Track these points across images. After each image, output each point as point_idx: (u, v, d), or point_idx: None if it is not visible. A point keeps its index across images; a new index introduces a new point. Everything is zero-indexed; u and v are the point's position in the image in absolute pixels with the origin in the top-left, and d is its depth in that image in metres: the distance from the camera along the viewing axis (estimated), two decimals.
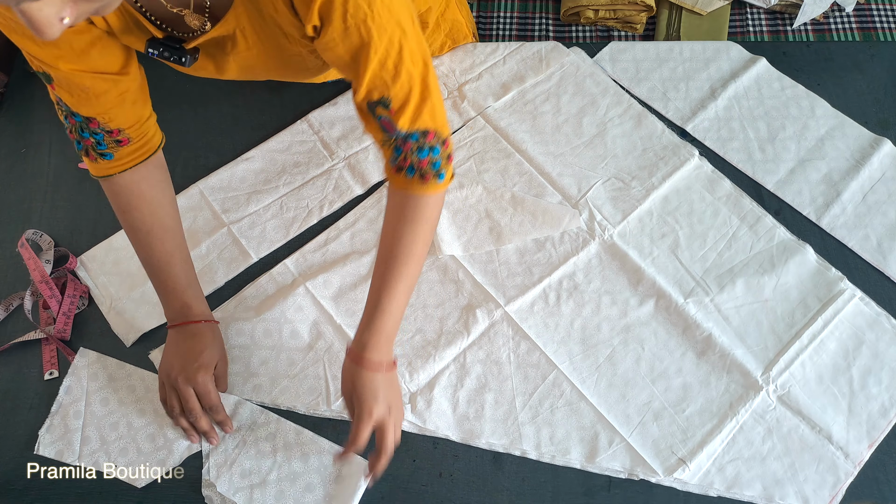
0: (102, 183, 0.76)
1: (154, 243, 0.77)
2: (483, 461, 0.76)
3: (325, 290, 0.85)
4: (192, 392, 0.74)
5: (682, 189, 0.92)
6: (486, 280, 0.86)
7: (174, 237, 0.78)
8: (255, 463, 0.75)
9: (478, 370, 0.80)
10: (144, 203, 0.76)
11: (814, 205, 0.90)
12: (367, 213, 0.91)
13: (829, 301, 0.83)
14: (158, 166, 0.78)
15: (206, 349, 0.76)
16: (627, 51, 1.04)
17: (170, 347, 0.77)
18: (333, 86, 1.01)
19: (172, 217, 0.79)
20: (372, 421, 0.67)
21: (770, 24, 1.38)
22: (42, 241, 0.89)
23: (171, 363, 0.76)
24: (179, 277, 0.77)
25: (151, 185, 0.77)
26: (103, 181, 0.76)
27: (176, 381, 0.74)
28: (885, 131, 0.95)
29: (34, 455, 0.76)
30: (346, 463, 0.75)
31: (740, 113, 0.97)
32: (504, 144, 0.96)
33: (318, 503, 0.73)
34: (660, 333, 0.82)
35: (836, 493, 0.73)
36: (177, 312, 0.77)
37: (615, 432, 0.76)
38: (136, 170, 0.75)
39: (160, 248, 0.77)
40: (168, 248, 0.77)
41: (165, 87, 1.00)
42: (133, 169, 0.75)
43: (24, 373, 0.82)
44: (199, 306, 0.79)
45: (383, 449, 0.68)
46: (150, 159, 0.76)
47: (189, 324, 0.77)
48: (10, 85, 1.01)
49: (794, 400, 0.78)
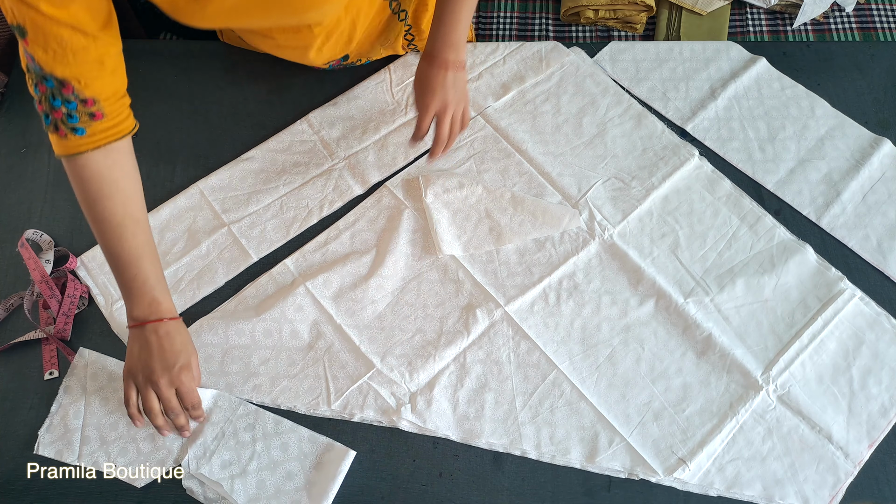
0: (69, 165, 0.70)
1: (125, 236, 0.72)
2: (483, 461, 0.76)
3: (325, 290, 0.85)
4: (173, 393, 0.73)
5: (682, 189, 0.92)
6: (486, 280, 0.86)
7: (144, 231, 0.74)
8: (234, 453, 0.75)
9: (478, 370, 0.80)
10: (117, 192, 0.71)
11: (814, 205, 0.90)
12: (367, 213, 0.91)
13: (829, 301, 0.83)
14: (129, 153, 0.73)
15: (183, 348, 0.74)
16: (627, 51, 1.04)
17: (139, 347, 0.73)
18: (333, 86, 1.01)
19: (142, 209, 0.75)
20: (431, 110, 0.82)
21: (770, 24, 1.38)
22: (42, 241, 0.89)
23: (146, 364, 0.72)
24: (150, 273, 0.73)
25: (124, 174, 0.72)
26: (71, 162, 0.70)
27: (158, 383, 0.72)
28: (885, 131, 0.95)
29: (34, 455, 0.76)
30: (327, 450, 0.75)
31: (740, 113, 0.97)
32: (504, 144, 0.96)
33: (299, 490, 0.74)
34: (660, 333, 0.82)
35: (836, 492, 0.73)
36: (145, 310, 0.73)
37: (615, 432, 0.76)
38: (108, 152, 0.70)
39: (131, 242, 0.73)
40: (139, 242, 0.73)
41: (166, 87, 1.01)
42: (104, 149, 0.70)
43: (24, 373, 0.82)
44: (167, 302, 0.75)
45: (438, 136, 0.84)
46: (121, 142, 0.71)
47: (160, 321, 0.73)
48: (10, 85, 1.01)
49: (794, 400, 0.78)
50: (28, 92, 0.69)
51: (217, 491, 0.74)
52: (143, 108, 0.98)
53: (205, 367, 0.81)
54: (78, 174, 0.70)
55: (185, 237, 0.89)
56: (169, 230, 0.89)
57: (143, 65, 1.03)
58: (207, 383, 0.80)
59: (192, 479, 0.75)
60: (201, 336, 0.82)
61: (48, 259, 0.86)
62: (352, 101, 0.99)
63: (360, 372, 0.80)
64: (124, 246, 0.73)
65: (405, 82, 1.01)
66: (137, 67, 1.02)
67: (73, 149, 0.69)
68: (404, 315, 0.84)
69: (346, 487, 0.75)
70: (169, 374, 0.72)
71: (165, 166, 0.95)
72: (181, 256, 0.87)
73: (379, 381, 0.80)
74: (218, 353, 0.81)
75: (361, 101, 0.99)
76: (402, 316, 0.84)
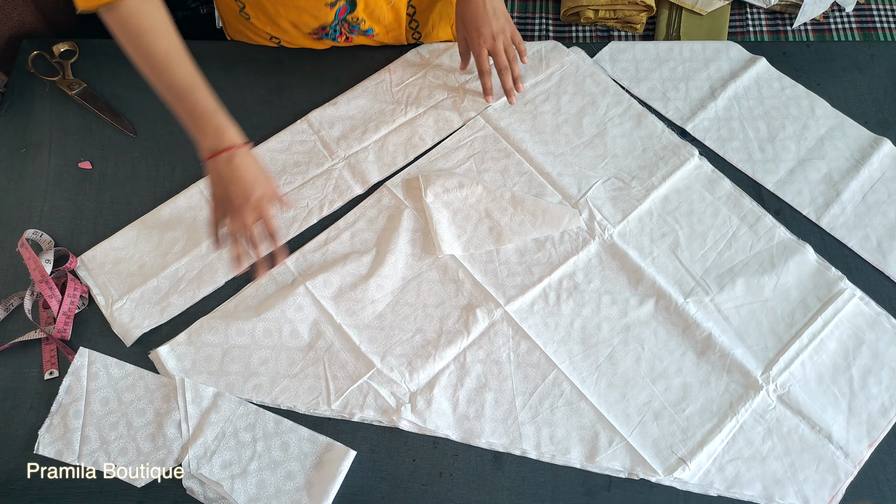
0: (106, 14, 0.72)
1: (175, 64, 0.74)
2: (483, 461, 0.76)
3: (325, 290, 0.85)
4: (253, 221, 0.77)
5: (682, 189, 0.92)
6: (486, 280, 0.86)
7: (190, 60, 0.76)
8: (235, 453, 0.76)
9: (478, 370, 0.80)
10: (158, 24, 0.73)
11: (814, 205, 0.90)
12: (367, 213, 0.91)
13: (829, 301, 0.83)
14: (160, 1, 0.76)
15: (258, 176, 0.77)
16: (627, 51, 1.04)
17: (217, 177, 0.77)
18: (333, 85, 1.01)
19: (182, 41, 0.76)
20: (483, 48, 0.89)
21: (770, 24, 1.38)
22: (42, 241, 0.89)
23: (227, 194, 0.76)
24: (206, 100, 0.75)
25: (158, 7, 0.74)
26: (106, 11, 0.72)
27: (239, 212, 0.76)
28: (884, 131, 0.95)
29: (34, 455, 0.76)
30: (328, 449, 0.76)
31: (740, 113, 0.97)
32: (504, 144, 0.96)
33: (300, 490, 0.74)
34: (660, 333, 0.82)
35: (836, 492, 0.74)
36: (212, 140, 0.75)
37: (615, 432, 0.77)
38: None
39: (182, 70, 0.74)
40: (189, 70, 0.75)
41: None
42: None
43: (24, 373, 0.82)
44: (231, 129, 0.76)
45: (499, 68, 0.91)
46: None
47: (229, 151, 0.75)
48: (10, 85, 1.01)
49: (794, 399, 0.78)
50: (28, 92, 0.69)
51: (217, 491, 0.74)
52: (143, 108, 0.99)
53: (205, 367, 0.81)
54: (115, 18, 0.72)
55: (185, 237, 0.89)
56: (169, 230, 0.89)
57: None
58: (207, 383, 0.80)
59: (192, 479, 0.75)
60: (201, 336, 0.82)
61: (48, 259, 0.86)
62: (352, 101, 0.99)
63: (360, 372, 0.80)
64: (175, 75, 0.74)
65: (405, 82, 1.01)
66: None
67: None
68: (404, 315, 0.84)
69: (347, 487, 0.75)
70: (249, 204, 0.76)
71: (165, 166, 0.95)
72: (181, 256, 0.87)
73: (379, 380, 0.80)
74: (218, 353, 0.81)
75: (361, 101, 0.99)
76: (402, 316, 0.84)
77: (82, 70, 1.01)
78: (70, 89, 0.99)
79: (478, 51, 0.92)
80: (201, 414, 0.77)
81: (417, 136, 0.96)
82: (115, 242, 0.89)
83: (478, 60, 0.93)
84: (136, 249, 0.88)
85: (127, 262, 0.87)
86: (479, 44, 0.91)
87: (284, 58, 1.03)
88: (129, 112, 0.99)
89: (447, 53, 1.03)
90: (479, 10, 0.89)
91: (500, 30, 0.91)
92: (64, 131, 0.97)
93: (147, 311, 0.84)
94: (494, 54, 0.92)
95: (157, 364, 0.81)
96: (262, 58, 1.03)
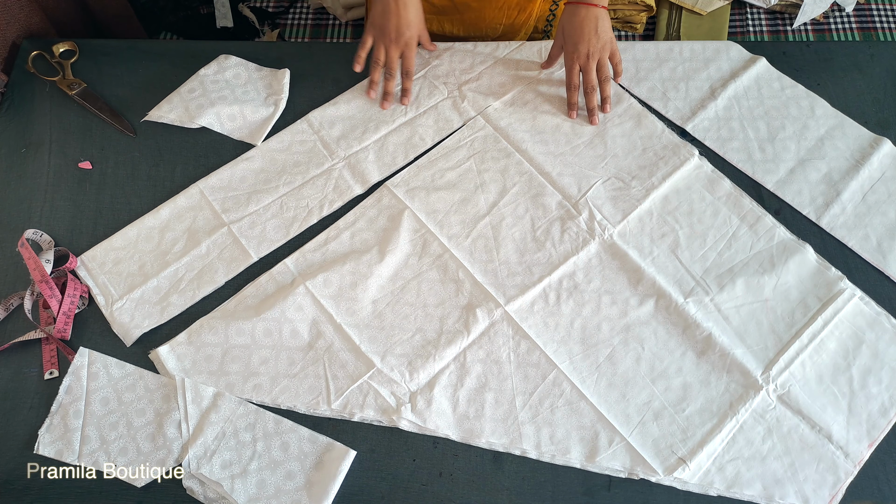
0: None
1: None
2: (483, 460, 0.76)
3: (325, 290, 0.85)
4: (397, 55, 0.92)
5: (682, 189, 0.92)
6: (486, 279, 0.86)
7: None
8: (235, 453, 0.76)
9: (478, 370, 0.80)
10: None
11: (814, 204, 0.90)
12: (367, 213, 0.91)
13: (829, 301, 0.83)
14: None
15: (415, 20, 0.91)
16: (627, 51, 1.04)
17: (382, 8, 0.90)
18: (333, 85, 1.01)
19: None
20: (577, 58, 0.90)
21: (770, 24, 1.38)
22: (42, 241, 0.89)
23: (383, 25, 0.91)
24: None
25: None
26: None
27: (389, 43, 0.91)
28: (884, 131, 0.95)
29: (34, 455, 0.76)
30: (328, 449, 0.76)
31: (740, 113, 0.97)
32: (504, 144, 0.96)
33: (300, 490, 0.74)
34: (660, 333, 0.82)
35: (836, 492, 0.74)
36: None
37: (615, 432, 0.77)
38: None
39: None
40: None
41: (166, 87, 1.00)
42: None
43: (24, 373, 0.82)
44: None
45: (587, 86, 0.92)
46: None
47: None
48: (10, 85, 1.01)
49: (794, 399, 0.78)
50: (28, 92, 0.69)
51: (217, 491, 0.74)
52: (143, 108, 0.99)
53: (205, 367, 0.81)
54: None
55: (185, 237, 0.89)
56: (169, 230, 0.89)
57: (143, 65, 1.03)
58: (207, 383, 0.80)
59: (192, 479, 0.75)
60: (201, 336, 0.82)
61: (48, 259, 0.86)
62: (352, 100, 0.99)
63: (360, 371, 0.80)
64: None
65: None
66: (137, 67, 1.03)
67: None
68: (404, 314, 0.84)
69: (347, 487, 0.75)
70: (399, 40, 0.91)
71: (165, 166, 0.95)
72: (181, 256, 0.87)
73: (379, 380, 0.80)
74: (218, 352, 0.82)
75: (361, 100, 0.99)
76: (402, 315, 0.84)
77: (82, 70, 1.01)
78: (70, 89, 0.99)
79: (570, 64, 0.93)
80: (201, 414, 0.78)
81: (417, 136, 0.96)
82: (115, 242, 0.89)
83: (568, 74, 0.94)
84: (136, 249, 0.88)
85: (127, 262, 0.87)
86: (573, 59, 0.92)
87: (284, 57, 1.04)
88: (129, 112, 0.99)
89: (446, 54, 1.03)
90: (582, 25, 0.90)
91: (599, 49, 0.91)
92: (64, 131, 0.97)
93: (147, 311, 0.84)
94: (585, 72, 0.92)
95: (157, 364, 0.81)
96: (263, 57, 1.03)
